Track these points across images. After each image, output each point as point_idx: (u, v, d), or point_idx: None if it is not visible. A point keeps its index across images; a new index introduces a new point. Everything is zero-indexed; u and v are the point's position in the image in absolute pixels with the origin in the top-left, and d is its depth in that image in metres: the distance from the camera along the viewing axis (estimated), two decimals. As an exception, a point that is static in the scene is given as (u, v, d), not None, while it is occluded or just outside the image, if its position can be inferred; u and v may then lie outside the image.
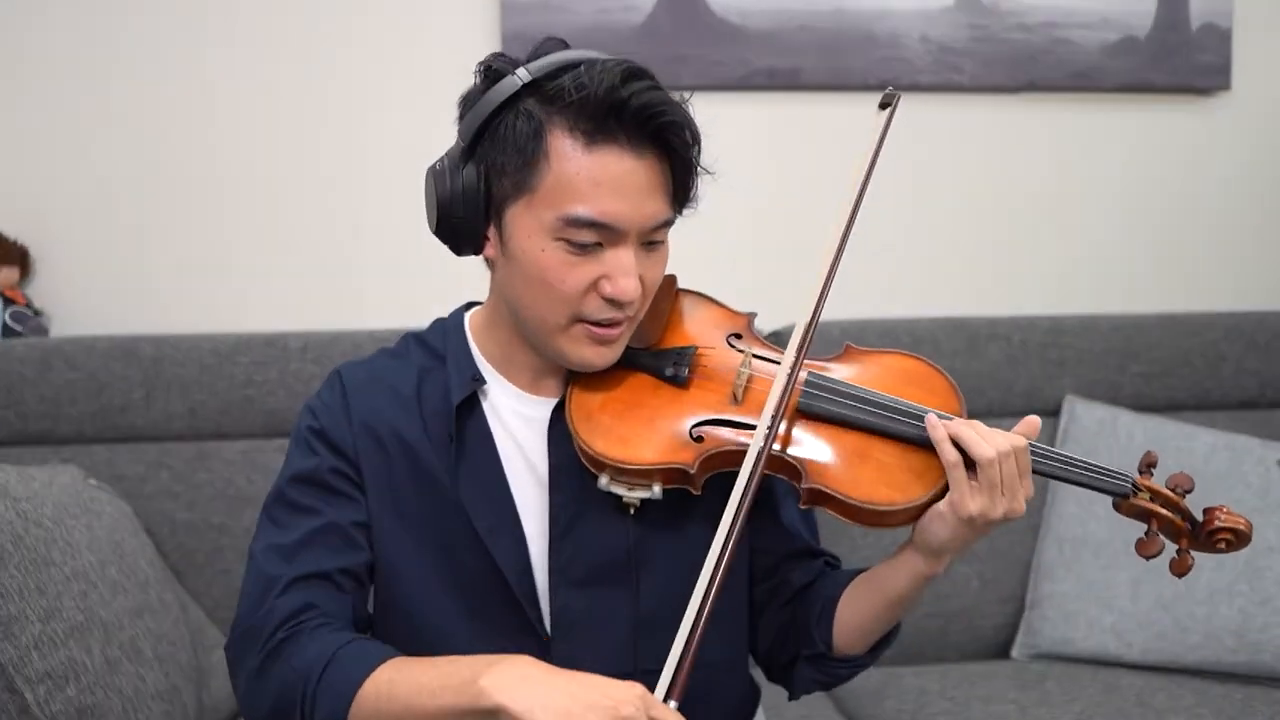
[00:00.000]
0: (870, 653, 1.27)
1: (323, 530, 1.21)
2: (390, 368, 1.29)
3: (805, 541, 1.34)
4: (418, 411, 1.25)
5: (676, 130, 1.14)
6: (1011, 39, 2.34)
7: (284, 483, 1.24)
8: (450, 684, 1.06)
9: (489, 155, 1.15)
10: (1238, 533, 1.18)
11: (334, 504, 1.23)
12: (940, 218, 2.41)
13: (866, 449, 1.18)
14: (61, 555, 1.54)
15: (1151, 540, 1.18)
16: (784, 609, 1.31)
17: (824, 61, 2.29)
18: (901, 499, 1.15)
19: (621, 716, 1.00)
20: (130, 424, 2.02)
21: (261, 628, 1.16)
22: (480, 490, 1.23)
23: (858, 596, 1.25)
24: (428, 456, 1.24)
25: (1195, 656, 1.98)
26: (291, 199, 2.24)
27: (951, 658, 2.13)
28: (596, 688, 1.03)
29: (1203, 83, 2.41)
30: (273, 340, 2.05)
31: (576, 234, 1.13)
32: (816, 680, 1.29)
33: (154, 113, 2.19)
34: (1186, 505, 1.20)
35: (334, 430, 1.25)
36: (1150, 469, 1.22)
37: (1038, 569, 2.12)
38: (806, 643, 1.27)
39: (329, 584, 1.19)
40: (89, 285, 2.21)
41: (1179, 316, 2.31)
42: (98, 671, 1.51)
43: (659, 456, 1.18)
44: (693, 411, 1.21)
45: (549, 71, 1.13)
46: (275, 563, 1.19)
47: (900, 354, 1.29)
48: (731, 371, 1.23)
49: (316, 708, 1.10)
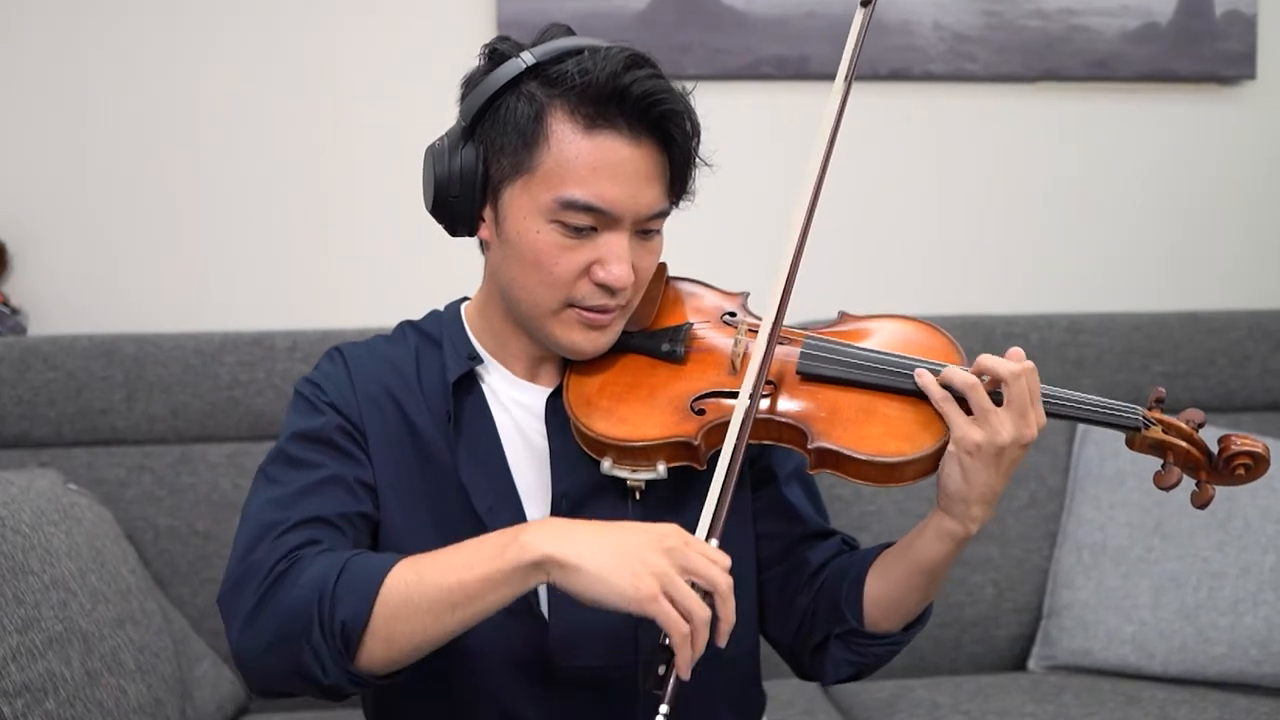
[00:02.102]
0: (904, 630, 1.29)
1: (326, 481, 1.21)
2: (388, 350, 1.33)
3: (816, 522, 1.37)
4: (419, 389, 1.28)
5: (676, 120, 1.19)
6: (1028, 26, 2.34)
7: (284, 441, 1.24)
8: (484, 553, 1.07)
9: (489, 136, 1.20)
10: (1255, 456, 1.20)
11: (338, 460, 1.23)
12: (953, 212, 2.41)
13: (870, 405, 1.21)
14: (40, 563, 1.54)
15: (1169, 472, 1.20)
16: (806, 590, 1.33)
17: (833, 50, 2.29)
18: (911, 449, 1.17)
19: (664, 546, 1.03)
20: (111, 426, 2.02)
21: (261, 566, 1.13)
22: (480, 469, 1.26)
23: (888, 568, 1.27)
24: (428, 434, 1.27)
25: (1219, 668, 1.98)
26: (279, 193, 2.24)
27: (965, 669, 2.14)
28: (635, 529, 1.07)
29: (1227, 72, 2.41)
30: (259, 339, 2.05)
31: (572, 217, 1.17)
32: (849, 661, 1.30)
33: (135, 104, 2.19)
34: (1200, 436, 1.22)
35: (337, 394, 1.26)
36: (1159, 404, 1.24)
37: (1055, 577, 2.12)
38: (837, 620, 1.28)
39: (331, 527, 1.19)
40: (68, 282, 2.21)
41: (1203, 315, 2.31)
42: (78, 684, 1.50)
43: (662, 431, 1.20)
44: (692, 386, 1.24)
45: (553, 56, 1.18)
46: (273, 511, 1.18)
47: (896, 316, 1.33)
48: (727, 345, 1.27)
49: (337, 608, 1.07)
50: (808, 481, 1.39)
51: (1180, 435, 1.21)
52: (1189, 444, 1.21)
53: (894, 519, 2.12)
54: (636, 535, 1.05)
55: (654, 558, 1.03)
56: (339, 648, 1.07)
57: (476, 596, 1.06)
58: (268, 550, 1.14)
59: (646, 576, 1.02)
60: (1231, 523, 2.04)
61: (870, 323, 1.32)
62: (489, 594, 1.06)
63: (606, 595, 1.02)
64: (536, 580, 1.05)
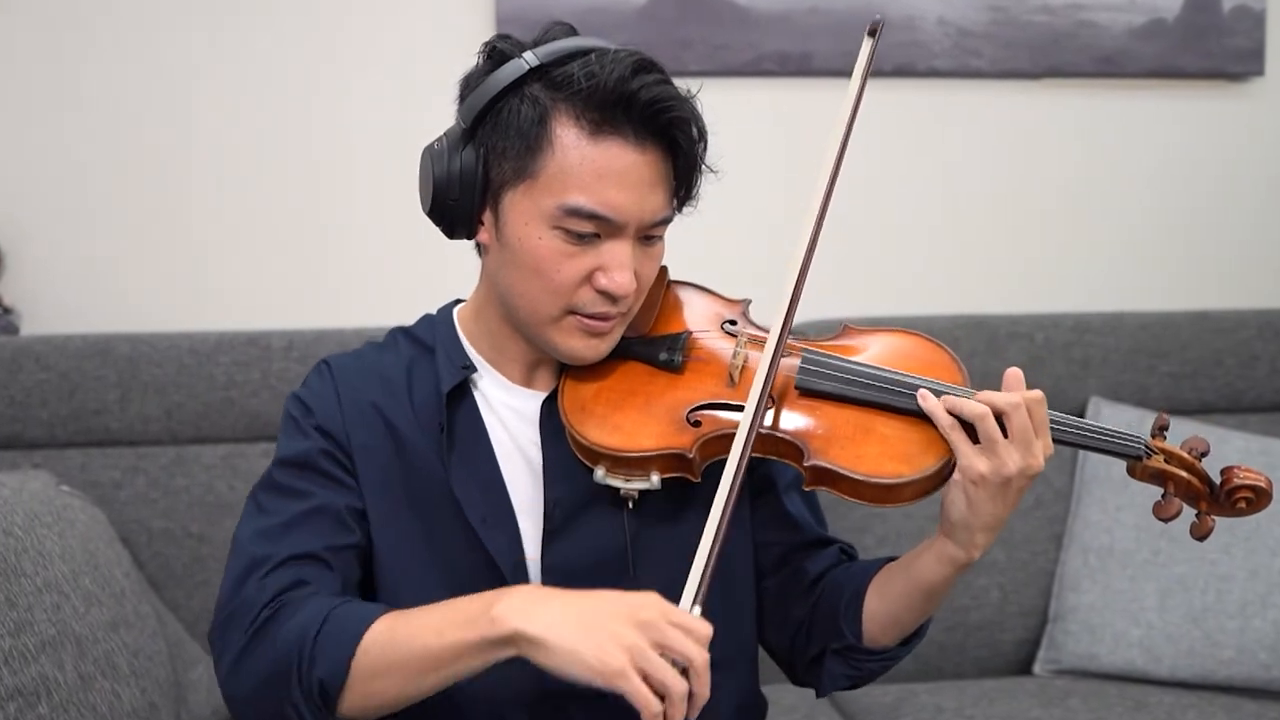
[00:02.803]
0: (902, 645, 1.28)
1: (313, 512, 1.22)
2: (378, 359, 1.32)
3: (815, 531, 1.37)
4: (408, 400, 1.28)
5: (683, 126, 1.18)
6: (1034, 22, 2.34)
7: (274, 466, 1.26)
8: (458, 619, 1.07)
9: (490, 138, 1.19)
10: (1258, 490, 1.19)
11: (325, 487, 1.24)
12: (958, 210, 2.41)
13: (868, 424, 1.20)
14: (33, 566, 1.54)
15: (1169, 503, 1.19)
16: (803, 600, 1.33)
17: (837, 46, 2.29)
18: (909, 471, 1.17)
19: (640, 620, 1.02)
20: (105, 427, 2.01)
21: (250, 607, 1.16)
22: (473, 481, 1.25)
23: (888, 585, 1.26)
24: (419, 446, 1.26)
25: (1228, 672, 1.98)
26: (274, 190, 2.24)
27: (970, 673, 2.13)
28: (611, 599, 1.05)
29: (1235, 68, 2.41)
30: (255, 339, 2.05)
31: (575, 224, 1.16)
32: (845, 675, 1.30)
33: (128, 100, 2.19)
34: (1203, 467, 1.21)
35: (324, 414, 1.27)
36: (1163, 431, 1.24)
37: (1061, 580, 2.12)
38: (835, 635, 1.28)
39: (319, 563, 1.20)
40: (61, 281, 2.21)
41: (1210, 314, 2.31)
42: (71, 688, 1.50)
43: (657, 442, 1.20)
44: (689, 396, 1.23)
45: (557, 57, 1.17)
46: (262, 545, 1.20)
47: (899, 331, 1.32)
48: (726, 355, 1.26)
49: (315, 665, 1.10)
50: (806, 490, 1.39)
51: (1182, 465, 1.20)
52: (1191, 474, 1.20)
53: (898, 522, 2.12)
54: (610, 606, 1.04)
55: (626, 631, 1.01)
56: (318, 703, 1.10)
57: (447, 664, 1.08)
58: (256, 589, 1.17)
59: (616, 651, 1.00)
60: (1239, 526, 2.03)
61: (872, 336, 1.31)
62: (459, 663, 1.07)
63: (576, 671, 1.01)
64: (506, 654, 1.06)
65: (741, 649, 1.34)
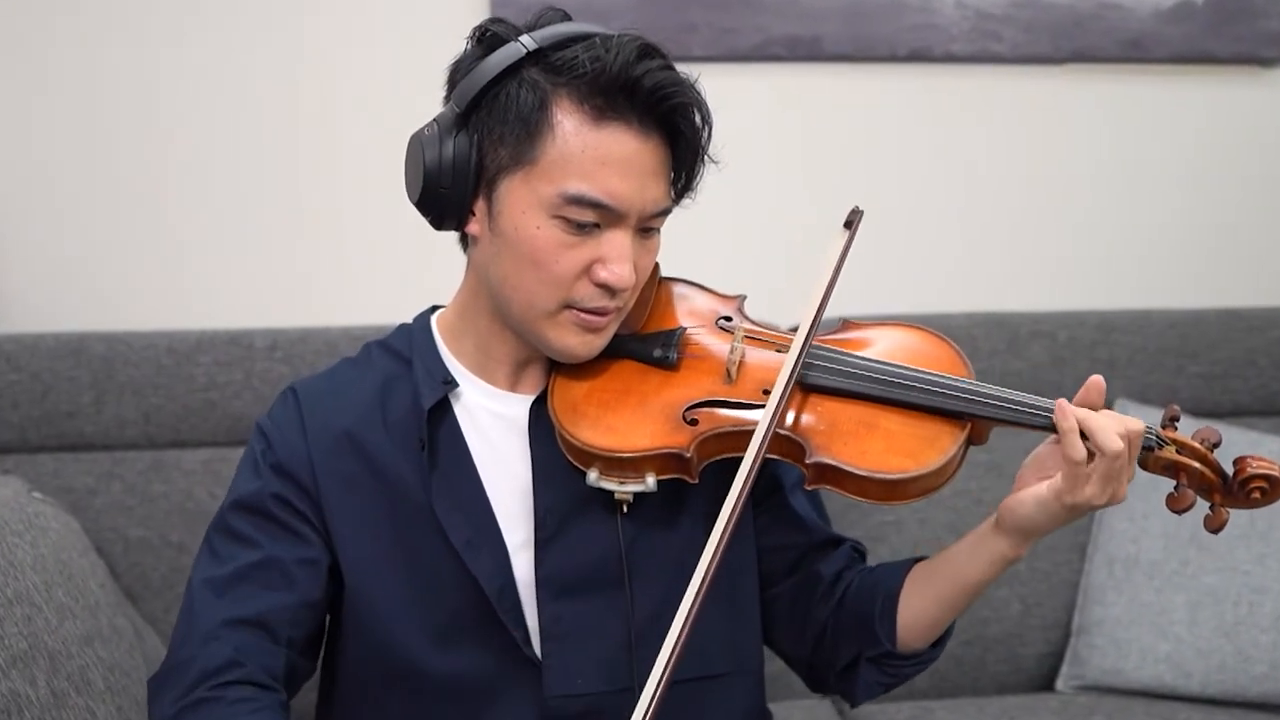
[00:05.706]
0: (934, 647, 1.30)
1: (260, 565, 1.25)
2: (351, 378, 1.33)
3: (824, 530, 1.38)
4: (381, 421, 1.28)
5: (687, 114, 1.19)
6: (1057, 4, 2.34)
7: (226, 507, 1.29)
8: None
9: (485, 124, 1.19)
10: (1271, 480, 1.20)
11: (275, 537, 1.26)
12: (977, 203, 2.41)
13: (872, 419, 1.22)
14: (2, 577, 1.54)
15: (1182, 495, 1.21)
16: (823, 603, 1.34)
17: (848, 29, 2.29)
18: (914, 466, 1.18)
19: None
20: (79, 431, 2.01)
21: (185, 672, 1.20)
22: (455, 501, 1.26)
23: (926, 587, 1.27)
24: (395, 469, 1.27)
25: (1260, 689, 1.98)
26: (257, 185, 2.23)
27: (989, 690, 2.13)
28: None
29: (1267, 53, 2.41)
30: (236, 338, 2.05)
31: (575, 212, 1.17)
32: (880, 682, 1.32)
33: (105, 88, 2.19)
34: (1214, 458, 1.22)
35: (284, 450, 1.28)
36: (1174, 422, 1.25)
37: (1086, 592, 2.12)
38: (869, 642, 1.29)
39: (261, 632, 1.23)
40: (32, 278, 2.21)
41: (1242, 311, 2.31)
42: (43, 705, 1.50)
43: (652, 442, 1.20)
44: (685, 394, 1.24)
45: (556, 42, 1.18)
46: (208, 599, 1.23)
47: (901, 325, 1.34)
48: (723, 352, 1.27)
49: None
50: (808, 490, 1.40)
51: (1194, 455, 1.22)
52: (1203, 465, 1.22)
53: (913, 529, 2.12)
54: None
55: None
56: None
57: None
58: (193, 656, 1.20)
59: None
60: (1273, 534, 2.03)
61: (874, 331, 1.33)
62: None
63: None
64: None
65: (746, 663, 1.35)
